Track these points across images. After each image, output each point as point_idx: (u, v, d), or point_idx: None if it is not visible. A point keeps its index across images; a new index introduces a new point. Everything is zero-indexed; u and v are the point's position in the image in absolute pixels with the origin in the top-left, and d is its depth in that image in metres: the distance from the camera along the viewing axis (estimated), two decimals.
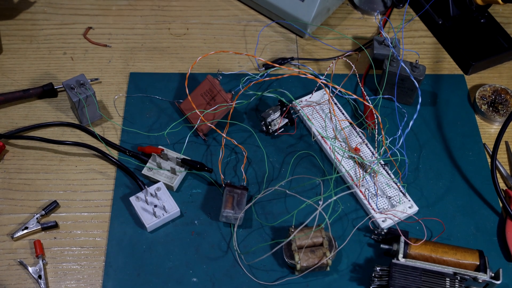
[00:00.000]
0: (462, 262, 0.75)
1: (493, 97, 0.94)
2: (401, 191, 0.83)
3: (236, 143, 0.86)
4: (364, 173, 0.84)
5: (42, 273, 0.75)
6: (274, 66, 0.95)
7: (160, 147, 0.85)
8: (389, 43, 0.93)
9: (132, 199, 0.80)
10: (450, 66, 1.00)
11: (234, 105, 0.88)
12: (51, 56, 0.97)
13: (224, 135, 0.86)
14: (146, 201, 0.80)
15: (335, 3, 1.05)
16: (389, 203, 0.82)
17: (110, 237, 0.79)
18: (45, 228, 0.79)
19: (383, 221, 0.81)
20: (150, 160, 0.84)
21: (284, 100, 0.87)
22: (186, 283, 0.76)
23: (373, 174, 0.84)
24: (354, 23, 1.05)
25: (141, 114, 0.91)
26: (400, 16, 1.06)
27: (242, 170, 0.85)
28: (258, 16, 1.05)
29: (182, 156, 0.84)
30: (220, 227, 0.81)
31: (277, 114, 0.87)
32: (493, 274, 0.74)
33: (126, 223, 0.80)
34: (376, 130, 0.88)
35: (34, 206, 0.81)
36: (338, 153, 0.86)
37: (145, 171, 0.83)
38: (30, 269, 0.75)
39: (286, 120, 0.88)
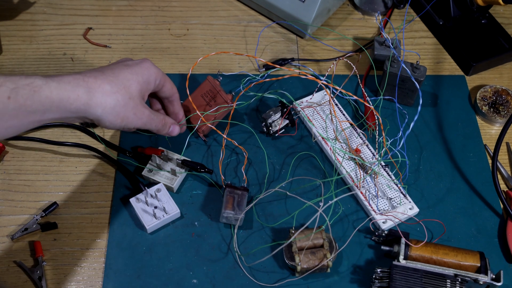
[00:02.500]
0: (463, 263, 0.75)
1: (494, 98, 0.94)
2: (401, 192, 0.83)
3: (237, 144, 0.86)
4: (365, 174, 0.84)
5: (42, 274, 0.75)
6: (275, 67, 0.95)
7: (160, 148, 0.85)
8: (390, 44, 0.93)
9: (132, 200, 0.80)
10: (450, 67, 1.00)
11: (234, 106, 0.88)
12: (51, 57, 0.97)
13: (225, 136, 0.86)
14: (146, 203, 0.80)
15: (336, 3, 1.04)
16: (390, 204, 0.82)
17: (110, 239, 0.79)
18: (45, 229, 0.79)
19: (383, 222, 0.81)
20: (150, 161, 0.84)
21: (284, 101, 0.87)
22: (186, 285, 0.76)
23: (373, 176, 0.84)
24: (355, 24, 1.05)
25: None
26: (400, 16, 1.06)
27: (243, 171, 0.85)
28: (259, 17, 1.05)
29: (183, 157, 0.84)
30: (220, 228, 0.80)
31: (278, 115, 0.87)
32: (494, 276, 0.74)
33: (126, 224, 0.80)
34: (377, 131, 0.88)
35: (33, 207, 0.81)
36: (338, 154, 0.85)
37: (145, 172, 0.83)
38: (29, 270, 0.75)
39: (287, 121, 0.88)
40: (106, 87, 0.67)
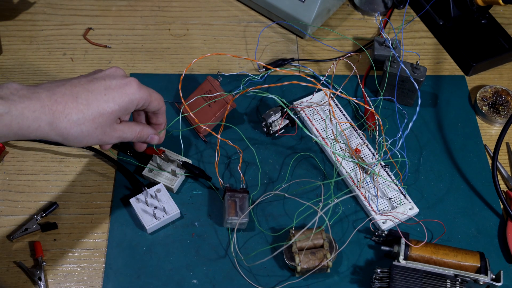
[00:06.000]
0: (463, 264, 0.75)
1: (494, 98, 0.94)
2: (401, 192, 0.83)
3: (231, 143, 0.85)
4: (365, 175, 0.84)
5: (42, 275, 0.75)
6: (275, 69, 0.95)
7: (161, 148, 0.85)
8: (390, 44, 0.93)
9: (132, 200, 0.80)
10: (450, 67, 1.00)
11: (234, 106, 0.88)
12: (51, 57, 0.97)
13: (219, 136, 0.85)
14: (146, 203, 0.80)
15: (336, 4, 1.04)
16: (390, 204, 0.82)
17: (110, 239, 0.79)
18: (45, 229, 0.79)
19: (383, 222, 0.81)
20: (151, 161, 0.84)
21: (284, 101, 0.87)
22: (186, 285, 0.76)
23: (373, 176, 0.84)
24: (355, 24, 1.05)
25: None
26: (400, 17, 1.06)
27: (239, 170, 0.84)
28: (259, 17, 1.05)
29: (184, 159, 0.84)
30: (220, 228, 0.80)
31: (278, 115, 0.87)
32: (494, 276, 0.74)
33: (126, 224, 0.80)
34: (377, 132, 0.88)
35: (33, 207, 0.81)
36: (338, 154, 0.85)
37: (145, 172, 0.83)
38: (29, 271, 0.75)
39: (287, 121, 0.87)
40: (73, 117, 0.64)
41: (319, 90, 0.92)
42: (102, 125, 0.67)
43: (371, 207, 0.82)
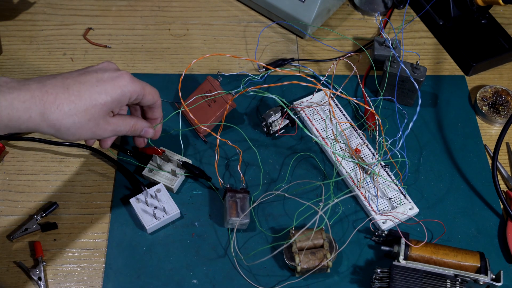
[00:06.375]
0: (463, 264, 0.75)
1: (494, 98, 0.94)
2: (401, 192, 0.83)
3: (231, 143, 0.86)
4: (365, 175, 0.84)
5: (42, 275, 0.75)
6: (275, 69, 0.95)
7: (161, 148, 0.85)
8: (390, 44, 0.93)
9: (132, 200, 0.80)
10: (450, 67, 1.00)
11: (234, 106, 0.88)
12: (51, 57, 0.97)
13: (219, 137, 0.85)
14: (146, 203, 0.80)
15: (336, 4, 1.04)
16: (390, 204, 0.82)
17: (110, 239, 0.79)
18: (45, 229, 0.79)
19: (383, 222, 0.81)
20: (151, 161, 0.84)
21: (285, 101, 0.87)
22: (186, 285, 0.76)
23: (373, 176, 0.84)
24: (355, 24, 1.05)
25: None
26: (400, 17, 1.06)
27: (239, 170, 0.84)
28: (259, 17, 1.05)
29: (184, 159, 0.84)
30: (220, 229, 0.80)
31: (278, 115, 0.87)
32: (494, 276, 0.74)
33: (126, 224, 0.80)
34: (377, 132, 0.88)
35: (33, 207, 0.81)
36: (338, 154, 0.85)
37: (145, 172, 0.83)
38: (29, 270, 0.75)
39: (287, 121, 0.87)
40: (65, 108, 0.63)
41: (319, 90, 0.92)
42: (95, 117, 0.66)
43: (371, 207, 0.82)
